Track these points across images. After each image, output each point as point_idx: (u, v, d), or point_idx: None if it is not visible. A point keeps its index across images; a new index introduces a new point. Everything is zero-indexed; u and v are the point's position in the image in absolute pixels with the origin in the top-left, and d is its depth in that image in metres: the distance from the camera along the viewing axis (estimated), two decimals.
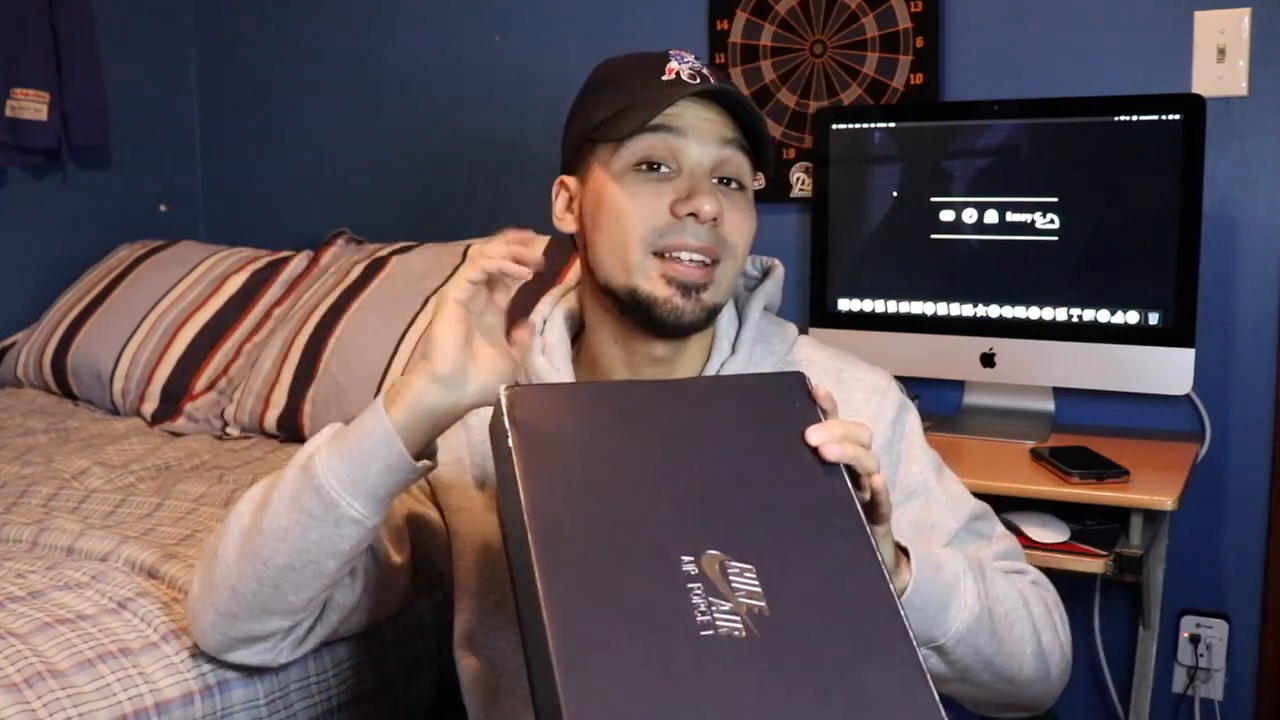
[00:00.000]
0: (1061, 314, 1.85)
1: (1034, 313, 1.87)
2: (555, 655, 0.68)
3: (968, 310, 1.92)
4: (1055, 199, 1.84)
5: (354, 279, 2.21)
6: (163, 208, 2.89)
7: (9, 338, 2.55)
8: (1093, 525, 1.65)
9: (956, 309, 1.93)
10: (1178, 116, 1.74)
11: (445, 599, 1.28)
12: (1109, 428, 1.92)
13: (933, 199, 1.93)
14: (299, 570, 1.02)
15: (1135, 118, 1.78)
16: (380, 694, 1.37)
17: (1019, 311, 1.88)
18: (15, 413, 2.24)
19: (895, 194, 1.98)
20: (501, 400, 0.82)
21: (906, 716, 0.72)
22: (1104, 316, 1.82)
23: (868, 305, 1.99)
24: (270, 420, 2.07)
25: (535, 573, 0.72)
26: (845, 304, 2.01)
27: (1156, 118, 1.76)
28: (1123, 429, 1.92)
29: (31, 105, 2.53)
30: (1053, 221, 1.84)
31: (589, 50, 2.46)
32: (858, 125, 2.00)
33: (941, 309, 1.94)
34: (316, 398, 2.03)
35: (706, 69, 1.07)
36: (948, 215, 1.92)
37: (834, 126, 2.00)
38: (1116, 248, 1.81)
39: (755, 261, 1.21)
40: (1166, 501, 1.58)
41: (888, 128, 1.99)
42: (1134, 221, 1.80)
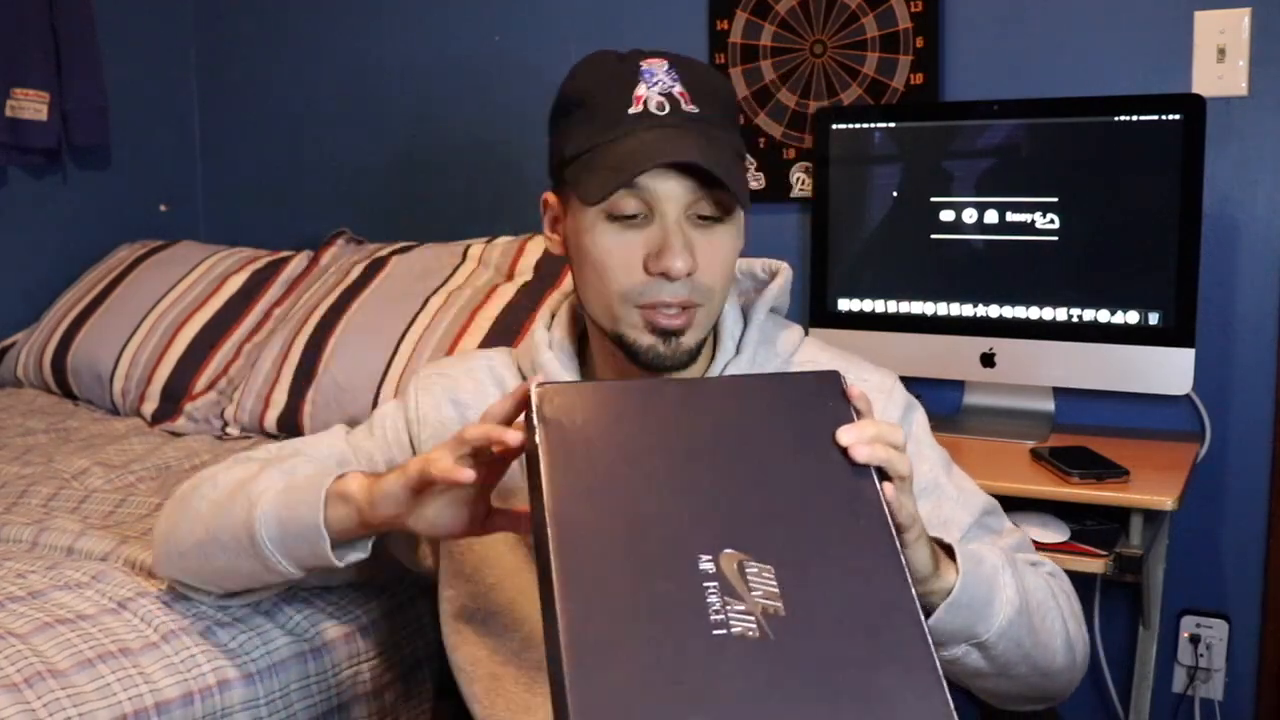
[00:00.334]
0: (1061, 314, 1.85)
1: (1034, 313, 1.87)
2: (565, 650, 0.69)
3: (968, 310, 1.92)
4: (1055, 199, 1.84)
5: (354, 279, 2.20)
6: (163, 208, 2.89)
7: (9, 338, 2.55)
8: (1093, 525, 1.65)
9: (956, 309, 1.93)
10: (1178, 116, 1.74)
11: (429, 584, 1.28)
12: (1109, 428, 1.92)
13: (933, 199, 1.93)
14: (235, 578, 1.15)
15: (1135, 118, 1.78)
16: (381, 693, 1.37)
17: (1019, 311, 1.88)
18: (15, 413, 2.24)
19: (895, 194, 1.98)
20: (532, 397, 0.82)
21: None
22: (1104, 316, 1.82)
23: (868, 305, 1.99)
24: (270, 420, 2.07)
25: (552, 569, 0.73)
26: (845, 304, 2.01)
27: (1156, 118, 1.76)
28: (1123, 429, 1.92)
29: (31, 105, 2.53)
30: (1053, 221, 1.84)
31: (589, 50, 2.45)
32: (858, 125, 2.00)
33: (941, 309, 1.94)
34: (316, 398, 2.03)
35: (678, 85, 1.04)
36: (948, 215, 1.92)
37: (834, 126, 2.00)
38: (1116, 248, 1.81)
39: (763, 265, 1.21)
40: (1166, 501, 1.58)
41: (888, 128, 1.99)
42: (1134, 221, 1.80)
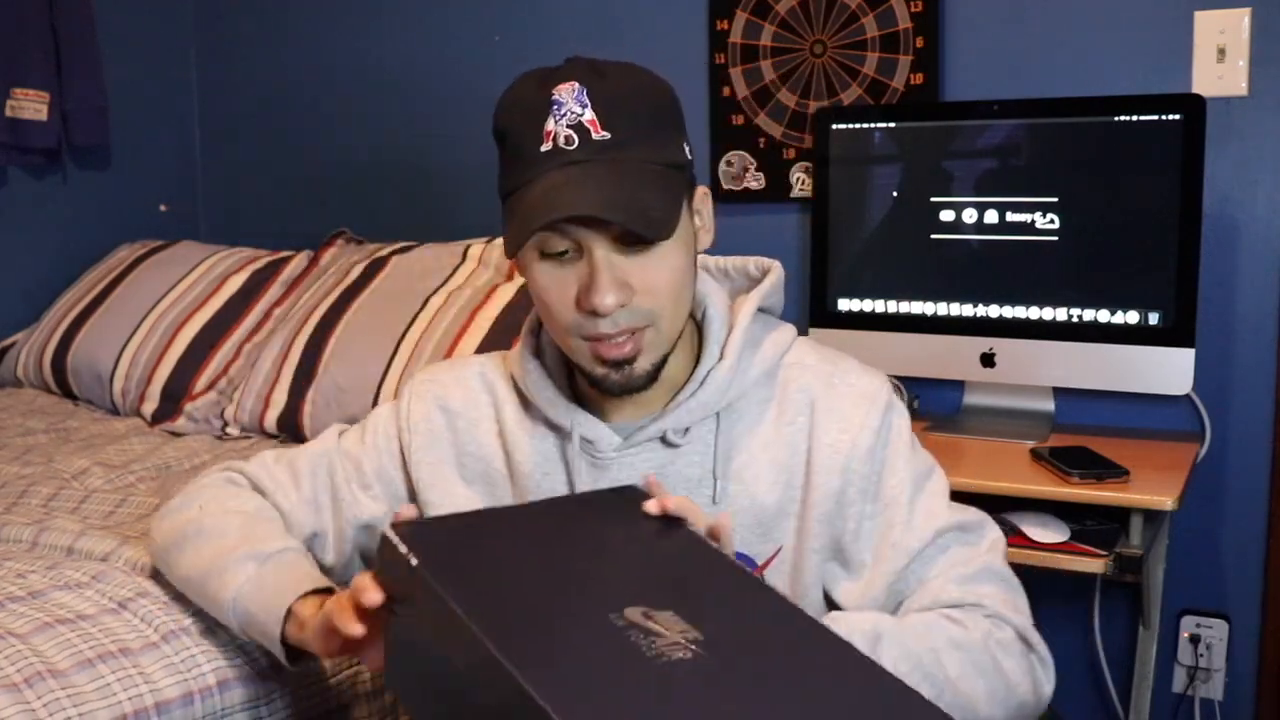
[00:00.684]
0: (1061, 314, 1.85)
1: (1034, 313, 1.87)
2: (552, 712, 0.71)
3: (968, 310, 1.92)
4: (1055, 199, 1.84)
5: (354, 279, 2.20)
6: (163, 208, 2.89)
7: (9, 338, 2.55)
8: (1093, 525, 1.65)
9: (956, 309, 1.93)
10: (1178, 116, 1.74)
11: None
12: (1109, 428, 1.92)
13: (933, 199, 1.93)
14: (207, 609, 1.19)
15: (1135, 118, 1.78)
16: (381, 693, 1.37)
17: (1019, 311, 1.88)
18: (15, 413, 2.24)
19: (895, 194, 1.98)
20: (390, 536, 0.88)
21: (868, 684, 0.78)
22: (1104, 316, 1.82)
23: (868, 305, 1.99)
24: (270, 420, 2.07)
25: (498, 658, 0.75)
26: (845, 304, 2.01)
27: (1156, 118, 1.76)
28: (1123, 429, 1.92)
29: (31, 105, 2.53)
30: (1053, 221, 1.84)
31: (589, 50, 2.45)
32: (858, 125, 2.00)
33: (941, 309, 1.94)
34: (316, 398, 2.03)
35: (588, 110, 1.01)
36: (948, 215, 1.92)
37: (834, 126, 2.01)
38: (1116, 248, 1.81)
39: (755, 263, 1.20)
40: (1166, 501, 1.58)
41: (888, 128, 1.99)
42: (1134, 221, 1.80)
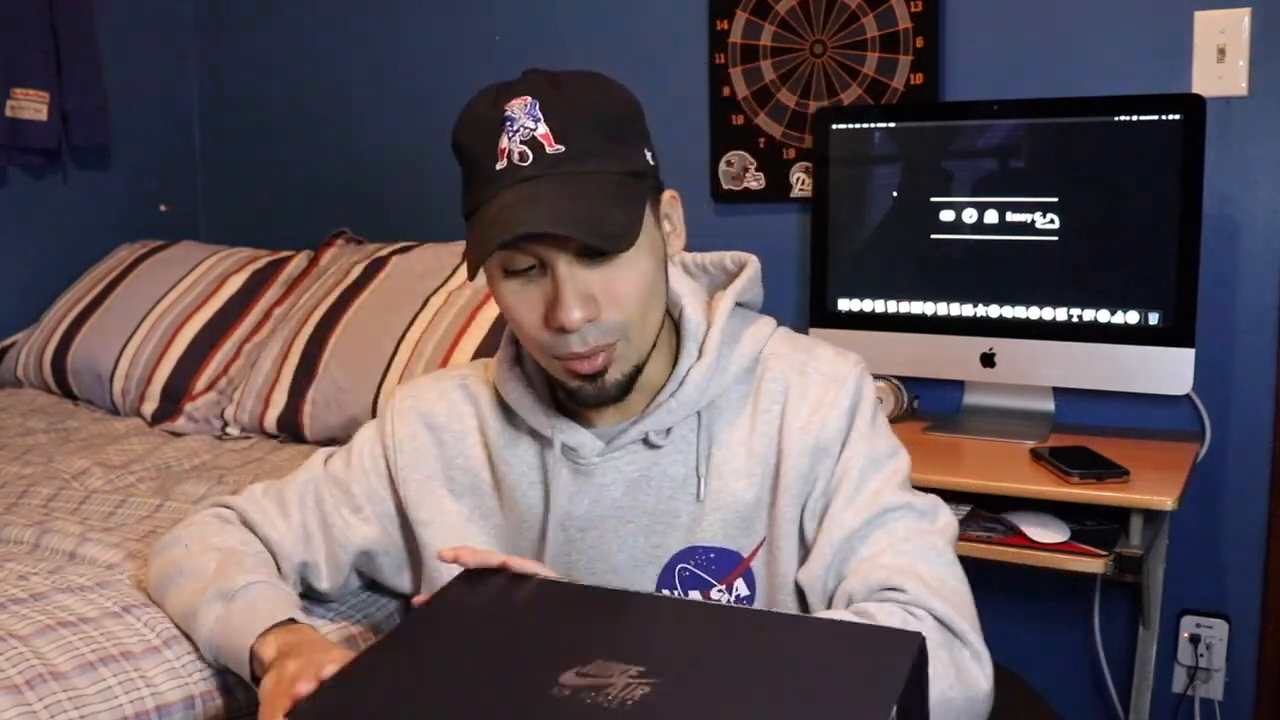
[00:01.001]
0: (1061, 314, 1.85)
1: (1034, 313, 1.87)
2: None
3: (968, 310, 1.92)
4: (1055, 199, 1.84)
5: (354, 279, 2.21)
6: (163, 208, 2.89)
7: (9, 338, 2.55)
8: (1093, 525, 1.65)
9: (956, 309, 1.93)
10: (1178, 116, 1.74)
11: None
12: (1109, 428, 1.92)
13: (933, 199, 1.93)
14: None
15: (1135, 118, 1.78)
16: None
17: (1019, 311, 1.88)
18: (15, 413, 2.24)
19: (895, 194, 1.98)
20: None
21: (821, 634, 0.83)
22: (1104, 316, 1.82)
23: (868, 305, 1.99)
24: (270, 420, 2.07)
25: None
26: (845, 304, 2.01)
27: (1156, 118, 1.76)
28: (1123, 429, 1.92)
29: (31, 105, 2.53)
30: (1053, 221, 1.84)
31: (589, 50, 2.47)
32: (858, 125, 2.00)
33: (941, 309, 1.94)
34: (316, 398, 2.03)
35: (541, 124, 0.99)
36: (948, 215, 1.92)
37: (834, 126, 2.00)
38: (1116, 248, 1.81)
39: (732, 258, 1.19)
40: (1166, 501, 1.58)
41: (888, 128, 1.99)
42: (1134, 221, 1.80)
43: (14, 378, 2.48)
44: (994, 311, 1.90)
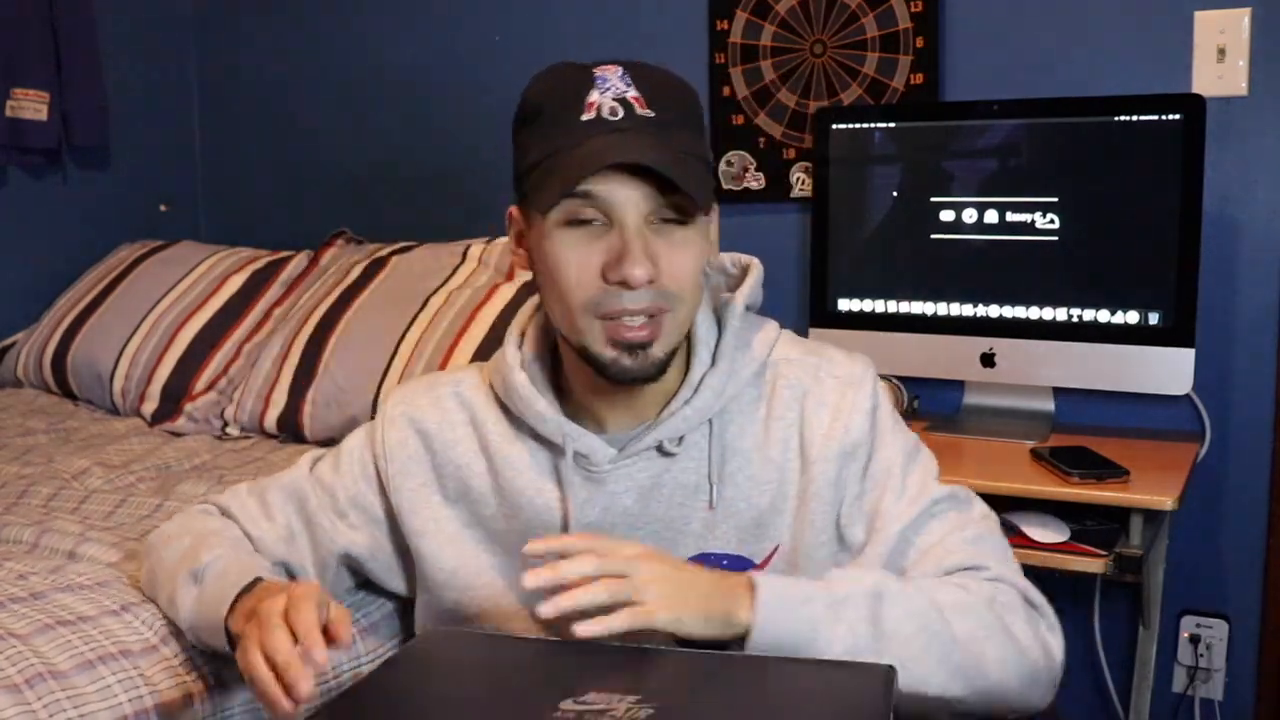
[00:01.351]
0: (1061, 314, 1.85)
1: (1034, 313, 1.87)
2: None
3: (968, 310, 1.92)
4: (1055, 199, 1.84)
5: (354, 279, 2.20)
6: (163, 208, 2.89)
7: (9, 338, 2.55)
8: (1093, 525, 1.65)
9: (956, 309, 1.93)
10: (1178, 116, 1.74)
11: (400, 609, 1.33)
12: (1109, 428, 1.92)
13: (933, 199, 1.93)
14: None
15: (1135, 118, 1.78)
16: None
17: (1019, 311, 1.88)
18: (15, 413, 2.24)
19: (895, 194, 1.98)
20: None
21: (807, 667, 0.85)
22: (1104, 316, 1.82)
23: (868, 305, 1.99)
24: (270, 420, 2.07)
25: None
26: (845, 304, 2.01)
27: (1156, 118, 1.76)
28: (1123, 429, 1.92)
29: (31, 105, 2.53)
30: (1053, 221, 1.84)
31: (589, 50, 2.45)
32: (858, 125, 2.00)
33: (941, 309, 1.94)
34: (316, 398, 2.03)
35: (633, 89, 1.01)
36: (948, 215, 1.92)
37: (834, 126, 2.00)
38: (1116, 248, 1.81)
39: (732, 260, 1.19)
40: (1166, 501, 1.58)
41: (888, 128, 1.99)
42: (1134, 221, 1.80)
43: (14, 378, 2.47)
44: (994, 311, 1.90)
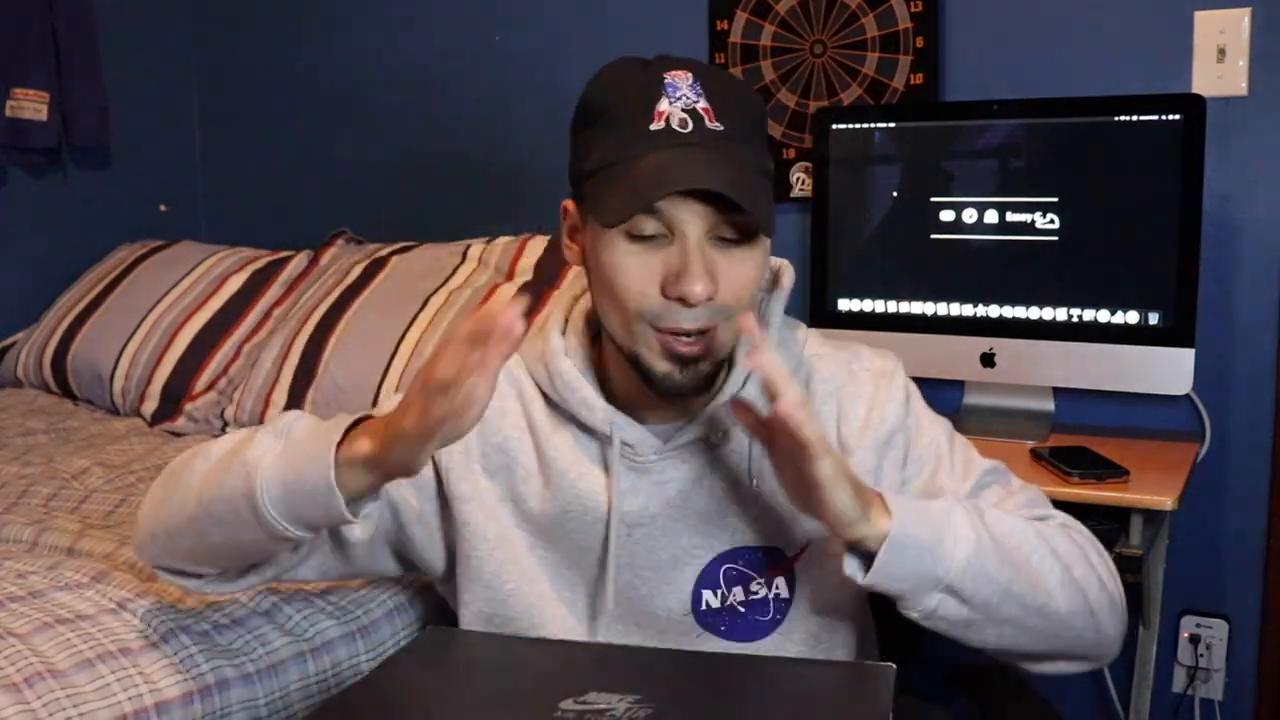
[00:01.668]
0: (1061, 314, 1.85)
1: (1034, 313, 1.87)
2: None
3: (968, 310, 1.92)
4: (1055, 199, 1.84)
5: (354, 279, 2.21)
6: (163, 208, 2.89)
7: (9, 338, 2.55)
8: (1093, 525, 1.64)
9: (956, 309, 1.93)
10: (1178, 116, 1.74)
11: (429, 584, 1.30)
12: (1109, 428, 1.92)
13: (933, 199, 1.93)
14: (231, 551, 1.08)
15: (1135, 118, 1.77)
16: None
17: (1019, 311, 1.88)
18: (15, 413, 2.24)
19: (895, 194, 1.98)
20: None
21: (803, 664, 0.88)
22: (1104, 316, 1.82)
23: (868, 305, 1.99)
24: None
25: None
26: (845, 304, 2.01)
27: (1156, 118, 1.76)
28: (1123, 429, 1.92)
29: (31, 105, 2.53)
30: (1053, 221, 1.84)
31: (589, 50, 2.45)
32: (858, 125, 2.00)
33: (941, 309, 1.94)
34: (316, 398, 2.03)
35: (703, 100, 1.01)
36: (948, 215, 1.92)
37: (834, 126, 2.00)
38: (1116, 248, 1.81)
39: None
40: (1166, 501, 1.58)
41: (888, 128, 1.99)
42: (1134, 221, 1.80)
43: (14, 378, 2.48)
44: (994, 311, 1.90)
